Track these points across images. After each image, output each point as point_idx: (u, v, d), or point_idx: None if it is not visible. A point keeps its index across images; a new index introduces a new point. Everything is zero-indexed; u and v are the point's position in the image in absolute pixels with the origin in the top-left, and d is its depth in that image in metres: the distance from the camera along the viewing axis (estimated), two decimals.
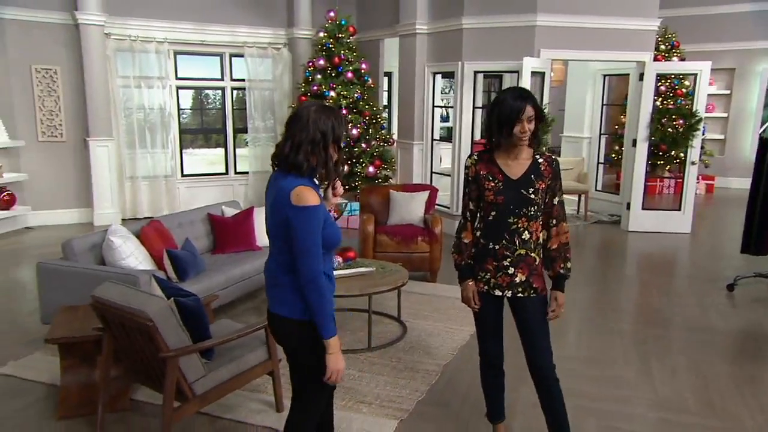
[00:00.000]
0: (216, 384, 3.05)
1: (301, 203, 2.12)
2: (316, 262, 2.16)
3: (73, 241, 4.17)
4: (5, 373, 3.82)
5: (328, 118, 2.21)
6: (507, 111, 2.52)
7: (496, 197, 2.61)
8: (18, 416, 3.33)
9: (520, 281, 2.66)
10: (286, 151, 2.20)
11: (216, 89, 9.57)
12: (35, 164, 8.03)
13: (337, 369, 2.24)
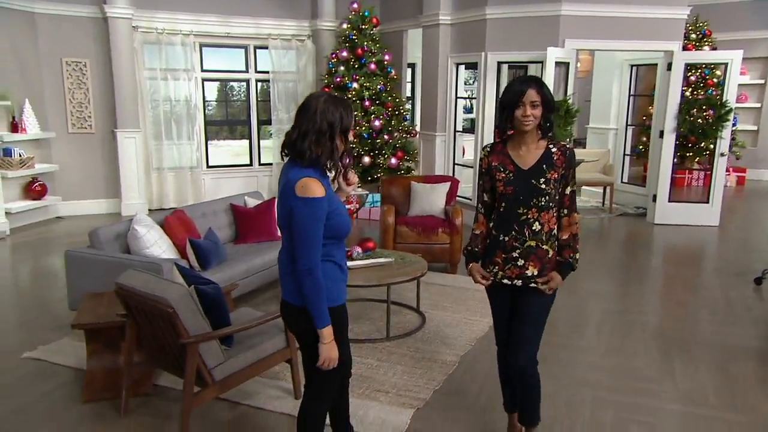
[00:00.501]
0: (235, 370, 3.12)
1: (305, 194, 2.16)
2: (314, 253, 2.19)
3: (100, 230, 4.28)
4: (35, 357, 3.95)
5: (336, 109, 2.23)
6: (509, 95, 2.53)
7: (505, 188, 2.60)
8: (46, 399, 3.45)
9: (532, 275, 2.64)
10: (293, 139, 2.23)
11: (241, 81, 9.68)
12: (65, 155, 8.22)
13: (330, 357, 2.29)
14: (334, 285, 2.30)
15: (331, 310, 2.27)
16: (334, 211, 2.24)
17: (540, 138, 2.63)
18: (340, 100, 2.29)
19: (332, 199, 2.25)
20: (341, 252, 2.37)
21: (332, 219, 2.23)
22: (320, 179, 2.21)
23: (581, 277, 5.86)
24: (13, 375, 3.73)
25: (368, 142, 8.21)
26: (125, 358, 3.26)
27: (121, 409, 3.26)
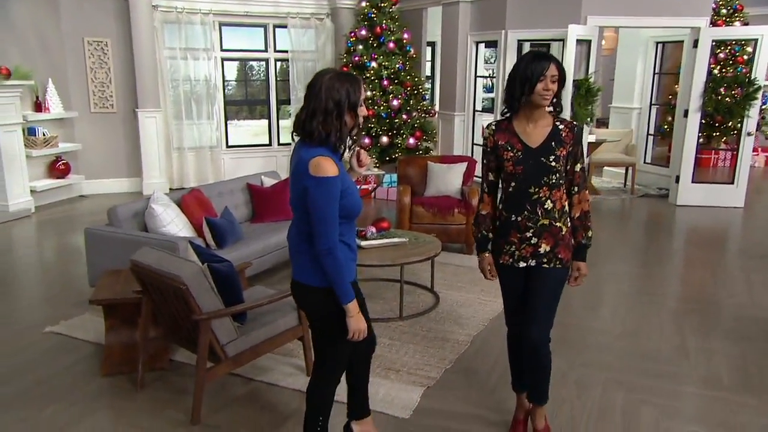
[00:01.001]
0: (248, 347, 3.17)
1: (319, 173, 2.16)
2: (333, 231, 2.21)
3: (118, 208, 4.36)
4: (57, 331, 4.07)
5: (342, 86, 2.20)
6: (531, 68, 2.47)
7: (515, 167, 2.57)
8: (67, 372, 3.55)
9: (545, 251, 2.63)
10: (302, 119, 2.24)
11: (260, 60, 9.69)
12: (88, 135, 8.35)
13: (359, 329, 2.31)
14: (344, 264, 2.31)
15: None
16: (346, 190, 2.24)
17: (550, 114, 2.62)
18: (347, 76, 2.26)
19: (344, 179, 2.25)
20: (351, 231, 2.38)
21: (344, 198, 2.23)
22: (333, 158, 2.21)
23: (599, 258, 5.83)
24: (37, 349, 3.85)
25: (386, 121, 8.19)
26: (141, 333, 3.34)
27: (138, 383, 3.35)
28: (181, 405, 3.17)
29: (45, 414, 3.12)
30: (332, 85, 2.20)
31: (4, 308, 4.52)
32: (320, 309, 2.36)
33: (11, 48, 7.32)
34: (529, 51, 2.77)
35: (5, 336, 4.02)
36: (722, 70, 8.92)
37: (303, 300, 2.45)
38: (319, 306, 2.36)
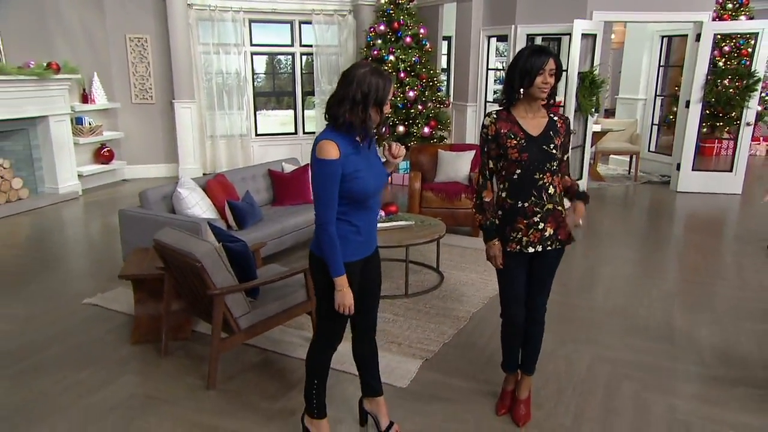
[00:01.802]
0: (259, 319, 3.22)
1: (320, 155, 2.17)
2: (327, 210, 2.22)
3: (148, 191, 4.44)
4: (94, 303, 4.18)
5: (373, 81, 2.18)
6: (531, 62, 2.44)
7: (520, 155, 2.51)
8: (101, 340, 3.66)
9: (549, 235, 2.61)
10: (331, 104, 2.24)
11: (287, 54, 9.69)
12: (130, 124, 8.48)
13: (343, 303, 2.32)
14: (345, 243, 2.30)
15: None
16: (350, 174, 2.21)
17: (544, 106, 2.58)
18: (381, 73, 2.23)
19: (351, 164, 2.21)
20: (361, 214, 2.33)
21: (348, 183, 2.21)
22: (340, 143, 2.19)
23: (600, 241, 5.76)
24: (75, 318, 3.96)
25: (403, 112, 8.13)
26: (164, 306, 3.40)
27: (162, 351, 3.43)
28: (200, 372, 3.24)
29: (80, 376, 3.22)
30: (364, 78, 2.19)
31: (51, 281, 4.65)
32: (316, 277, 2.38)
33: (61, 45, 7.44)
34: (528, 45, 2.73)
35: (49, 306, 4.15)
36: (727, 63, 8.64)
37: (312, 268, 2.44)
38: (315, 274, 2.38)
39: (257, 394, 3.05)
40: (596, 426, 2.81)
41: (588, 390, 3.11)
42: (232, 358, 3.40)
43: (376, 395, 2.73)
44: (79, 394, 3.04)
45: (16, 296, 4.35)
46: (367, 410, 2.77)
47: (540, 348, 2.87)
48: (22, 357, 3.44)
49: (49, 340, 3.63)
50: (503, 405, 2.91)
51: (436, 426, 2.81)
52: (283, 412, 2.88)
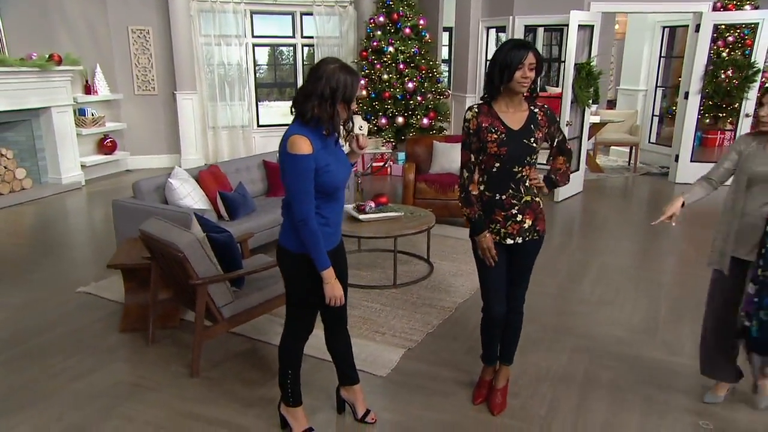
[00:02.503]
0: (243, 309, 3.25)
1: (292, 151, 2.17)
2: (306, 205, 2.22)
3: (141, 182, 4.47)
4: (87, 291, 4.23)
5: (342, 78, 2.18)
6: (511, 57, 2.42)
7: (499, 149, 2.50)
8: (91, 327, 3.71)
9: (528, 227, 2.61)
10: (298, 98, 2.24)
11: (288, 46, 9.68)
12: (132, 115, 8.53)
13: (334, 295, 2.34)
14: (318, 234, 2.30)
15: (306, 256, 2.30)
16: (322, 168, 2.22)
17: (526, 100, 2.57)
18: (350, 71, 2.23)
19: (322, 159, 2.23)
20: (331, 206, 2.35)
21: (319, 176, 2.22)
22: (311, 138, 2.19)
23: (594, 232, 5.74)
24: (69, 306, 4.02)
25: (402, 103, 8.11)
26: (151, 295, 3.44)
27: (149, 339, 3.47)
28: (185, 360, 3.28)
29: (68, 363, 3.27)
30: (333, 75, 2.18)
31: (49, 270, 4.71)
32: (291, 272, 2.38)
33: (64, 37, 7.48)
34: (509, 39, 2.71)
35: (45, 295, 4.20)
36: (731, 53, 8.51)
37: (280, 261, 2.45)
38: (290, 269, 2.38)
39: (239, 382, 3.09)
40: (569, 415, 2.82)
41: (566, 380, 3.12)
42: (217, 346, 3.43)
43: (353, 384, 2.76)
44: (66, 381, 3.09)
45: (15, 284, 4.41)
46: (344, 398, 2.80)
47: (519, 338, 2.88)
48: (14, 344, 3.49)
49: (41, 328, 3.69)
50: (480, 394, 2.92)
51: (413, 414, 2.83)
52: (262, 400, 2.91)
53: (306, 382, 2.99)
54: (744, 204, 2.63)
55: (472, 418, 2.80)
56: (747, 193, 2.62)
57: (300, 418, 2.63)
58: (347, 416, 2.81)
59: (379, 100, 8.15)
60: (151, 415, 2.81)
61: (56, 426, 2.72)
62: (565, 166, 2.70)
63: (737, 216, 2.66)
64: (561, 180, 2.71)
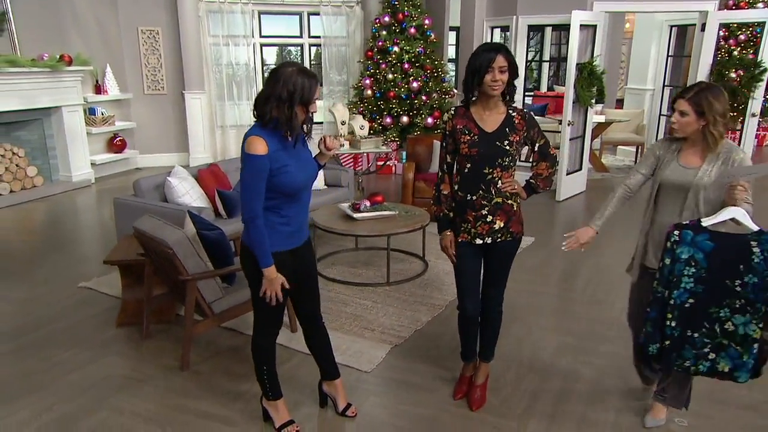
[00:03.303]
0: (232, 305, 3.33)
1: (248, 150, 2.24)
2: (254, 204, 2.27)
3: (141, 180, 4.58)
4: (88, 286, 4.35)
5: (299, 81, 2.23)
6: (479, 60, 2.46)
7: (470, 150, 2.56)
8: (89, 321, 3.82)
9: (499, 228, 2.65)
10: (259, 101, 2.29)
11: (296, 46, 9.77)
12: (142, 114, 8.68)
13: (269, 293, 2.40)
14: (272, 234, 2.36)
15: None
16: (279, 169, 2.28)
17: (503, 102, 2.60)
18: (307, 74, 2.27)
19: (278, 160, 2.28)
20: (294, 207, 2.41)
21: (276, 177, 2.28)
22: (267, 139, 2.25)
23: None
24: (69, 301, 4.13)
25: (407, 102, 8.15)
26: (145, 290, 3.53)
27: (144, 333, 3.57)
28: (177, 354, 3.36)
29: (65, 355, 3.38)
30: (291, 78, 2.23)
31: (55, 265, 4.84)
32: (254, 269, 2.42)
33: (75, 37, 7.65)
34: (483, 43, 2.74)
35: (48, 289, 4.33)
36: (742, 52, 8.42)
37: (242, 259, 2.50)
38: (253, 266, 2.42)
39: (226, 376, 3.17)
40: (548, 411, 2.85)
41: (548, 377, 3.15)
42: (209, 340, 3.52)
43: (333, 378, 2.82)
44: (62, 372, 3.20)
45: (20, 280, 4.55)
46: (325, 392, 2.86)
47: (497, 336, 2.92)
48: (16, 336, 3.62)
49: (42, 321, 3.81)
50: (460, 390, 2.97)
51: (393, 408, 2.89)
52: (247, 393, 2.99)
53: (291, 377, 3.10)
54: (656, 212, 2.59)
55: (450, 413, 2.85)
56: (659, 201, 2.57)
57: (281, 411, 2.70)
58: (329, 410, 2.87)
59: (384, 100, 8.21)
60: (141, 407, 2.90)
61: (48, 415, 2.82)
62: (548, 171, 2.73)
63: (650, 224, 2.62)
64: (542, 185, 2.74)
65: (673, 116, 2.44)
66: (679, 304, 2.30)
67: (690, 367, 2.36)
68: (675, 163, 2.49)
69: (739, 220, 2.23)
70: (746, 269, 2.21)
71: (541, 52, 11.45)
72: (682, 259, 2.27)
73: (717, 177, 2.37)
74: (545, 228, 5.87)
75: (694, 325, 2.30)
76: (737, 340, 2.27)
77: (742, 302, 2.24)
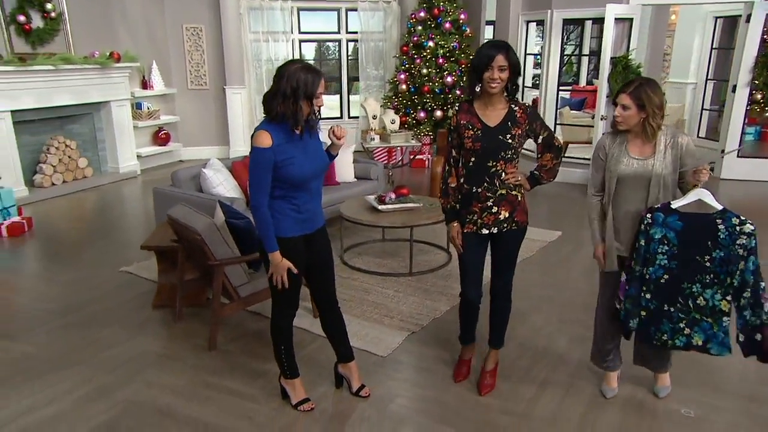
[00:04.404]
0: (257, 290, 3.51)
1: (254, 143, 2.40)
2: (259, 193, 2.43)
3: (179, 171, 4.82)
4: (129, 271, 4.63)
5: (302, 77, 2.37)
6: (479, 58, 2.56)
7: (474, 144, 2.65)
8: (128, 303, 4.08)
9: (504, 218, 2.74)
10: (266, 98, 2.45)
11: (334, 41, 9.95)
12: (185, 108, 9.03)
13: (275, 276, 2.56)
14: (283, 219, 2.52)
15: (278, 239, 2.51)
16: (285, 161, 2.41)
17: (506, 99, 2.69)
18: (310, 69, 2.41)
19: (284, 152, 2.41)
20: (304, 196, 2.55)
21: (283, 168, 2.42)
22: (273, 133, 2.40)
23: None
24: (111, 284, 4.41)
25: (441, 96, 8.22)
26: (178, 275, 3.76)
27: (177, 315, 3.80)
28: (206, 335, 3.55)
29: (102, 334, 3.63)
30: (294, 74, 2.38)
31: (100, 251, 5.16)
32: (260, 253, 2.61)
33: (124, 35, 8.03)
34: (488, 41, 2.83)
35: (90, 273, 4.63)
36: None
37: (259, 245, 2.63)
38: (260, 250, 2.60)
39: (250, 356, 3.35)
40: (554, 400, 2.92)
41: (559, 367, 3.21)
42: (236, 323, 3.72)
43: (348, 360, 2.97)
44: (100, 349, 3.45)
45: (69, 263, 4.87)
46: (341, 373, 3.01)
47: (506, 324, 3.00)
48: (62, 315, 3.90)
49: (85, 302, 4.09)
50: (459, 372, 3.10)
51: (405, 390, 3.02)
52: (269, 372, 3.16)
53: (311, 359, 3.26)
54: (618, 204, 2.64)
55: (458, 396, 2.95)
56: (618, 193, 2.63)
57: (297, 389, 2.86)
58: (344, 390, 3.01)
59: (418, 94, 8.30)
60: (170, 381, 3.11)
61: (88, 385, 3.07)
62: (552, 163, 2.79)
63: (614, 217, 2.67)
64: (546, 177, 2.81)
65: (616, 110, 2.57)
66: (655, 279, 2.52)
67: (668, 341, 2.57)
68: (627, 156, 2.59)
69: (705, 200, 2.46)
70: (714, 245, 2.43)
71: (580, 46, 11.27)
72: (656, 239, 2.49)
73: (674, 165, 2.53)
74: (574, 222, 5.86)
75: (671, 300, 2.52)
76: (707, 313, 2.49)
77: (710, 276, 2.46)
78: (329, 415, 2.84)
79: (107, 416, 2.82)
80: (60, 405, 2.91)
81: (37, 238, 5.57)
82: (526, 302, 4.00)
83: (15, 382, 3.10)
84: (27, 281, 4.60)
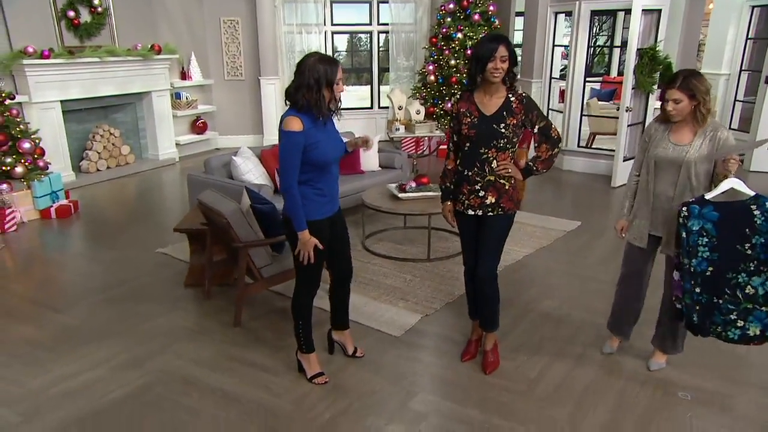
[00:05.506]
0: (280, 271, 3.71)
1: (285, 128, 2.57)
2: (289, 176, 2.61)
3: (211, 159, 5.04)
4: (165, 252, 4.89)
5: (322, 67, 2.55)
6: (482, 50, 2.69)
7: (469, 131, 2.80)
8: (163, 282, 4.33)
9: (490, 203, 2.87)
10: (290, 91, 2.62)
11: (365, 33, 10.06)
12: (222, 98, 9.30)
13: (303, 254, 2.72)
14: (309, 204, 2.69)
15: (307, 223, 2.68)
16: (312, 145, 2.58)
17: (506, 88, 2.80)
18: (327, 60, 2.59)
19: (311, 136, 2.58)
20: (324, 178, 2.71)
21: (311, 152, 2.59)
22: (303, 119, 2.57)
23: None
24: (148, 264, 4.68)
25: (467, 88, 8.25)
26: (207, 256, 3.98)
27: (206, 293, 4.02)
28: (232, 312, 3.77)
29: (138, 309, 3.89)
30: (314, 66, 2.56)
31: (139, 232, 5.45)
32: (290, 236, 2.78)
33: (164, 28, 8.32)
34: (487, 33, 2.94)
35: (130, 254, 4.91)
36: None
37: (286, 226, 2.81)
38: (289, 233, 2.78)
39: (272, 332, 3.55)
40: (555, 380, 3.02)
41: (564, 351, 3.30)
42: (261, 302, 3.93)
43: (344, 329, 3.23)
44: (136, 322, 3.70)
45: (110, 244, 5.17)
46: (335, 339, 3.26)
47: (494, 310, 3.08)
48: (100, 291, 4.18)
49: (123, 279, 4.36)
50: (467, 351, 3.23)
51: (413, 367, 3.17)
52: (289, 347, 3.34)
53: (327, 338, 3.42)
54: (653, 185, 2.82)
55: (464, 374, 3.08)
56: (654, 175, 2.80)
57: (313, 363, 3.04)
58: (356, 366, 3.18)
59: (446, 85, 8.36)
60: (197, 354, 3.33)
61: (122, 356, 3.32)
62: (547, 154, 2.89)
63: (650, 196, 2.84)
64: (541, 167, 2.91)
65: (668, 105, 2.64)
66: (700, 272, 2.51)
67: (722, 332, 2.54)
68: (667, 141, 2.72)
69: (737, 188, 2.48)
70: (752, 232, 2.42)
71: (612, 37, 11.10)
72: (694, 231, 2.50)
73: (708, 154, 2.61)
74: (595, 213, 5.88)
75: (718, 292, 2.50)
76: (760, 301, 2.45)
77: (755, 263, 2.43)
78: (341, 388, 3.01)
79: (140, 383, 3.05)
80: (98, 371, 3.16)
81: (82, 220, 5.90)
82: (540, 288, 4.09)
83: (60, 350, 3.37)
84: (72, 259, 4.91)
